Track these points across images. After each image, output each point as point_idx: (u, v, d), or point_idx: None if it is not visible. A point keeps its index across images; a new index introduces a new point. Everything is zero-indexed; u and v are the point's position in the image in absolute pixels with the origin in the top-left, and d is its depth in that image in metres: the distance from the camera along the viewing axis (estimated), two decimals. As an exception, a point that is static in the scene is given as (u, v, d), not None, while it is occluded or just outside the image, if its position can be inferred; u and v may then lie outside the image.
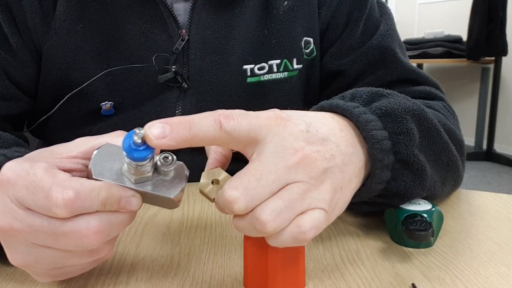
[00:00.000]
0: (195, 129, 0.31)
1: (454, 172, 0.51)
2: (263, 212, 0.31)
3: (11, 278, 0.39)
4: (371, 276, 0.39)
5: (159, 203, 0.36)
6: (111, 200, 0.32)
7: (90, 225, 0.31)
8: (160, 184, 0.34)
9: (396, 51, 0.65)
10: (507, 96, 3.79)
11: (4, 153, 0.40)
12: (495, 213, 0.53)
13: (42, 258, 0.33)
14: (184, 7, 0.63)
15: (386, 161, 0.41)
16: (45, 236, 0.32)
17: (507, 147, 3.82)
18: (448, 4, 4.25)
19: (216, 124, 0.31)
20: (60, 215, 0.31)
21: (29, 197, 0.31)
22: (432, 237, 0.42)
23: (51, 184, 0.31)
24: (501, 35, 3.34)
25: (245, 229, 0.33)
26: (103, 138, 0.37)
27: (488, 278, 0.39)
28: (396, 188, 0.43)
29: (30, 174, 0.31)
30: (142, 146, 0.31)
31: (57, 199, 0.30)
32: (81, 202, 0.31)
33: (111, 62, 0.62)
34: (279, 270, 0.35)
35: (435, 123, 0.47)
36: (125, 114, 0.63)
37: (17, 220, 0.31)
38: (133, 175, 0.33)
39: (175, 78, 0.63)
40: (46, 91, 0.63)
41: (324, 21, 0.67)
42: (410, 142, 0.43)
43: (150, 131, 0.30)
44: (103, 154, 0.34)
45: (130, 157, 0.32)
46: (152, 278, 0.39)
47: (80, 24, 0.61)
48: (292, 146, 0.33)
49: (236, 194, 0.31)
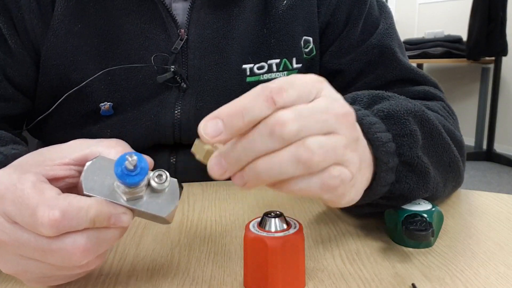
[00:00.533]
0: (248, 116, 0.29)
1: (455, 173, 0.51)
2: (314, 142, 0.30)
3: (12, 278, 0.39)
4: (371, 276, 0.39)
5: (149, 218, 0.36)
6: (100, 218, 0.32)
7: (77, 244, 0.31)
8: (153, 201, 0.34)
9: (395, 50, 0.65)
10: (507, 96, 3.79)
11: (1, 151, 0.40)
12: (495, 213, 0.53)
13: (31, 269, 0.33)
14: (183, 6, 0.63)
15: (391, 164, 0.41)
16: (33, 251, 0.31)
17: (507, 147, 3.82)
18: (448, 4, 4.25)
19: (269, 103, 0.29)
20: (45, 234, 0.30)
21: (16, 212, 0.31)
22: (432, 237, 0.42)
23: (37, 202, 0.30)
24: (501, 35, 3.34)
25: (283, 161, 0.30)
26: (98, 147, 0.36)
27: (488, 278, 0.39)
28: (400, 190, 0.43)
29: (18, 189, 0.31)
30: (135, 171, 0.31)
31: (43, 218, 0.30)
32: (68, 221, 0.30)
33: (110, 62, 0.61)
34: (279, 270, 0.35)
35: (436, 124, 0.47)
36: (124, 114, 0.63)
37: (4, 233, 0.31)
38: (126, 194, 0.33)
39: (174, 78, 0.63)
40: (45, 92, 0.63)
41: (323, 20, 0.67)
42: (414, 144, 0.43)
43: (204, 132, 0.30)
44: (95, 167, 0.33)
45: (123, 182, 0.31)
46: (152, 278, 0.39)
47: (78, 25, 0.61)
48: (340, 100, 0.32)
49: (290, 115, 0.29)
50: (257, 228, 0.36)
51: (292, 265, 0.36)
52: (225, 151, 0.31)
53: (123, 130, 0.63)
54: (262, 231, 0.35)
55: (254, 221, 0.37)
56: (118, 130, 0.63)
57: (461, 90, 4.14)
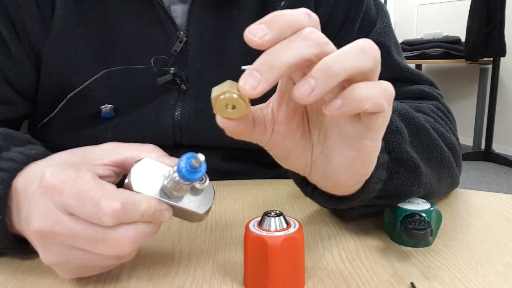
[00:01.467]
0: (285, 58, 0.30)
1: (449, 169, 0.51)
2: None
3: (13, 276, 0.39)
4: (370, 275, 0.39)
5: (185, 216, 0.38)
6: (148, 213, 0.34)
7: (128, 234, 0.33)
8: (193, 200, 0.37)
9: (391, 49, 0.66)
10: (505, 97, 3.80)
11: (21, 151, 0.40)
12: (494, 213, 0.54)
13: (74, 259, 0.35)
14: (182, 9, 0.63)
15: (381, 160, 0.41)
16: (84, 241, 0.33)
17: (505, 147, 3.82)
18: (446, 5, 4.26)
19: (311, 48, 0.30)
20: (106, 224, 0.33)
21: (77, 204, 0.33)
22: (430, 237, 0.42)
23: (100, 194, 0.33)
24: (499, 36, 3.35)
25: (376, 94, 0.31)
26: (137, 151, 0.38)
27: (487, 277, 0.39)
28: (394, 187, 0.44)
29: (78, 183, 0.33)
30: (196, 169, 0.34)
31: (106, 208, 0.32)
32: (125, 213, 0.33)
33: (110, 65, 0.62)
34: (279, 269, 0.35)
35: (422, 121, 0.48)
36: (125, 116, 0.64)
37: (58, 224, 0.33)
38: (174, 191, 0.35)
39: (174, 80, 0.63)
40: (46, 95, 0.63)
41: (321, 20, 0.66)
42: (402, 140, 0.43)
43: (244, 89, 0.30)
44: (142, 168, 0.36)
45: (182, 177, 0.34)
46: (153, 277, 0.39)
47: (78, 28, 0.61)
48: None
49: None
50: (257, 227, 0.36)
51: (292, 264, 0.36)
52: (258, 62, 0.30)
53: (124, 132, 0.64)
54: (262, 231, 0.36)
55: (254, 221, 0.38)
56: (119, 132, 0.64)
57: (460, 91, 4.15)
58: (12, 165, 0.38)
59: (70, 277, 0.38)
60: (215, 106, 0.32)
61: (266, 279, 0.35)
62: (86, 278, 0.39)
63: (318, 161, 0.38)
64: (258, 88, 0.29)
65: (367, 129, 0.34)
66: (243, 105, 0.31)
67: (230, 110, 0.32)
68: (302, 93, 0.30)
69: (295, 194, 0.60)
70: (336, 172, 0.37)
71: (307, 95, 0.30)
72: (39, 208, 0.33)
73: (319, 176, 0.40)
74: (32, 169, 0.38)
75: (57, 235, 0.33)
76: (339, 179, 0.38)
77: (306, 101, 0.30)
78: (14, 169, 0.38)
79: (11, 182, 0.38)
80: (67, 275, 0.37)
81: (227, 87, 0.31)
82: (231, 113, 0.32)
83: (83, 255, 0.34)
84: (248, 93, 0.30)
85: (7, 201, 0.37)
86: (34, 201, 0.34)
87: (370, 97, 0.31)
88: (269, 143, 0.37)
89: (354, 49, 0.31)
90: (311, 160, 0.39)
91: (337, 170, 0.37)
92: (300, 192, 0.47)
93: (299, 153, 0.38)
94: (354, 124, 0.34)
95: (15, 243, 0.40)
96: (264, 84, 0.29)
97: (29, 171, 0.38)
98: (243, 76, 0.30)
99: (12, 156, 0.39)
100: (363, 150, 0.35)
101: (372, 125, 0.33)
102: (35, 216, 0.34)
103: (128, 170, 0.36)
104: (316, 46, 0.30)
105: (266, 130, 0.36)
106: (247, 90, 0.30)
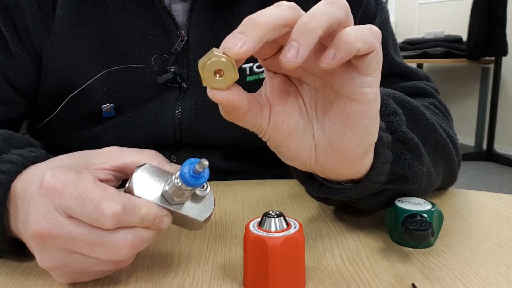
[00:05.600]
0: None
1: (444, 155, 0.51)
2: None
3: (11, 278, 0.39)
4: (371, 276, 0.39)
5: (184, 224, 0.38)
6: (148, 218, 0.34)
7: (126, 239, 0.33)
8: (193, 207, 0.37)
9: (388, 43, 0.66)
10: (507, 96, 3.79)
11: (21, 153, 0.40)
12: (495, 213, 0.53)
13: (71, 263, 0.34)
14: (183, 7, 0.63)
15: (385, 139, 0.41)
16: (82, 244, 0.33)
17: (507, 147, 3.82)
18: (448, 4, 4.26)
19: (287, 11, 0.32)
20: (106, 226, 0.32)
21: (77, 206, 0.32)
22: (432, 237, 0.42)
23: (101, 197, 0.33)
24: (501, 35, 3.34)
25: (363, 33, 0.33)
26: (137, 157, 0.38)
27: (488, 278, 0.39)
28: (401, 169, 0.44)
29: (79, 185, 0.33)
30: (199, 175, 0.34)
31: (107, 210, 0.32)
32: (125, 216, 0.33)
33: (111, 64, 0.62)
34: (279, 270, 0.35)
35: (417, 105, 0.48)
36: (125, 115, 0.64)
37: (57, 226, 0.33)
38: (175, 197, 0.35)
39: (175, 79, 0.63)
40: (47, 94, 0.63)
41: None
42: (401, 121, 0.44)
43: (231, 49, 0.30)
44: (144, 173, 0.36)
45: (185, 182, 0.33)
46: (152, 278, 0.39)
47: (79, 27, 0.61)
48: None
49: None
50: (257, 228, 0.36)
51: (292, 265, 0.36)
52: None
53: (124, 131, 0.63)
54: (262, 231, 0.35)
55: (254, 221, 0.37)
56: (120, 131, 0.63)
57: (461, 90, 4.14)
58: (11, 168, 0.38)
59: (66, 282, 0.37)
60: (203, 75, 0.32)
61: (266, 280, 0.35)
62: (85, 278, 0.39)
63: (322, 140, 0.38)
64: (244, 47, 0.30)
65: (364, 74, 0.34)
66: (231, 69, 0.31)
67: (218, 78, 0.32)
68: (289, 58, 0.30)
69: (295, 195, 0.59)
70: (344, 139, 0.37)
71: (294, 57, 0.30)
72: (38, 210, 0.33)
73: (327, 156, 0.38)
74: (32, 172, 0.38)
75: (55, 237, 0.33)
76: (349, 146, 0.37)
77: (295, 64, 0.30)
78: (13, 172, 0.38)
79: (10, 184, 0.37)
80: (63, 279, 0.37)
81: (213, 54, 0.31)
82: (220, 82, 0.32)
83: (81, 259, 0.34)
84: (235, 52, 0.30)
85: (5, 203, 0.37)
86: (33, 203, 0.34)
87: (359, 37, 0.32)
88: (268, 128, 0.37)
89: (323, 4, 0.32)
90: (314, 142, 0.38)
91: (345, 137, 0.37)
92: (300, 192, 0.46)
93: (300, 136, 0.38)
94: (349, 77, 0.35)
95: (12, 246, 0.39)
96: (249, 42, 0.30)
97: (28, 174, 0.38)
98: (226, 39, 0.31)
99: (11, 159, 0.39)
100: (366, 101, 0.35)
101: (367, 68, 0.34)
102: (34, 218, 0.33)
103: (128, 175, 0.36)
104: (291, 9, 0.32)
105: (263, 114, 0.36)
106: (234, 48, 0.30)
